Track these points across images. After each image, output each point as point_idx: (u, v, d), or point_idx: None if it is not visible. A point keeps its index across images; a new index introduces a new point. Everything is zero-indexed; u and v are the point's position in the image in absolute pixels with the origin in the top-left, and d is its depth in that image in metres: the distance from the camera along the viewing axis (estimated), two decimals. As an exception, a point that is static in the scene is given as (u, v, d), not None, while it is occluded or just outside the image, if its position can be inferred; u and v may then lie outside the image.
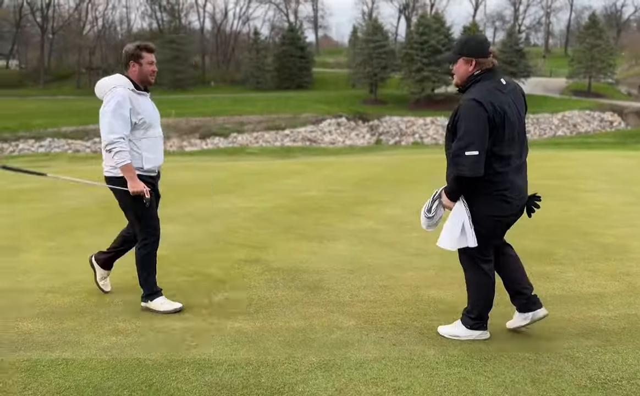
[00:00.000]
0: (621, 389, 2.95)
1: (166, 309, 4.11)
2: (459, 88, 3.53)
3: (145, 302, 4.19)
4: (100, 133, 4.00)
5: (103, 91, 4.07)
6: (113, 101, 3.93)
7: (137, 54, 4.08)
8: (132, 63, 4.08)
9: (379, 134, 49.33)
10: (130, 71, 4.10)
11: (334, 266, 5.29)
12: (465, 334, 3.59)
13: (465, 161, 3.26)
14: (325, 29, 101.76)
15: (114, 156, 3.94)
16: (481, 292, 3.61)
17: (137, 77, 4.10)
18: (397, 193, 10.52)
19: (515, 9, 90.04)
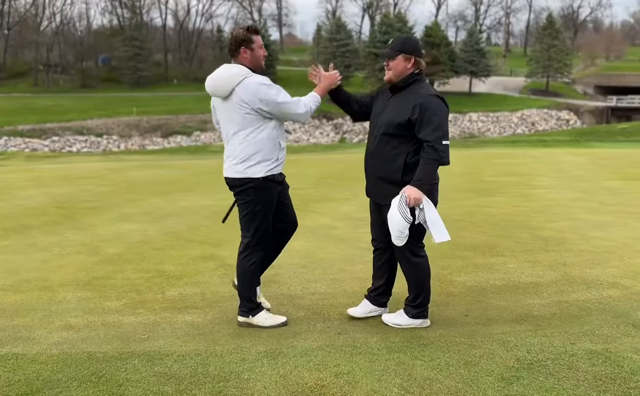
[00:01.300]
0: (546, 368, 3.17)
1: (273, 323, 3.80)
2: (392, 84, 3.69)
3: (246, 317, 3.84)
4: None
5: (231, 83, 3.59)
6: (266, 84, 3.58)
7: (248, 38, 3.64)
8: (244, 49, 3.65)
9: (343, 133, 49.68)
10: (242, 58, 3.66)
11: (289, 261, 5.43)
12: (407, 322, 3.78)
13: (445, 149, 3.51)
14: (289, 27, 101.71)
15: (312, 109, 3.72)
16: (424, 281, 3.80)
17: (250, 64, 3.66)
18: (356, 191, 10.71)
19: (476, 9, 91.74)
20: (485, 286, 4.67)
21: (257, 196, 3.70)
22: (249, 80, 3.58)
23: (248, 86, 3.56)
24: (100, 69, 69.35)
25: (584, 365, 3.20)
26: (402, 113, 3.58)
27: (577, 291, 4.51)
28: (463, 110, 53.03)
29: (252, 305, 3.82)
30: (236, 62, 3.68)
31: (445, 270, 5.14)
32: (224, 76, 3.64)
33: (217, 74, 3.68)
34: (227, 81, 3.61)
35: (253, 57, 3.67)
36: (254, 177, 3.66)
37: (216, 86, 3.67)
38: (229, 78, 3.61)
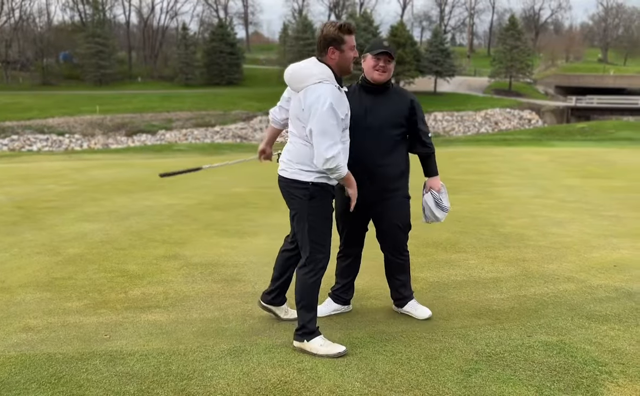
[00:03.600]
0: (503, 360, 3.26)
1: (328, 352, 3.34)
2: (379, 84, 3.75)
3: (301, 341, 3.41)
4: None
5: (303, 83, 3.31)
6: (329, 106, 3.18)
7: (339, 38, 3.31)
8: (332, 49, 3.31)
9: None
10: (329, 58, 3.33)
11: (253, 260, 5.43)
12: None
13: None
14: (255, 25, 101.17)
15: (337, 172, 3.25)
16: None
17: (337, 66, 3.34)
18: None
19: (441, 10, 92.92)
20: (446, 282, 4.77)
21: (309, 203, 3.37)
22: (319, 87, 3.24)
23: (314, 92, 3.23)
24: (62, 66, 67.80)
25: (540, 356, 3.30)
26: (400, 110, 3.75)
27: (535, 286, 4.63)
28: (428, 109, 53.61)
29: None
30: (322, 61, 3.34)
31: (408, 267, 5.20)
32: (302, 73, 3.34)
33: (298, 67, 3.40)
34: (303, 78, 3.32)
35: (341, 59, 3.34)
36: (304, 180, 3.33)
37: (292, 78, 3.39)
38: (305, 77, 3.31)
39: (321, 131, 3.19)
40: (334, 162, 3.21)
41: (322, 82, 3.25)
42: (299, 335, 3.41)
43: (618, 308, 4.11)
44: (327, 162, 3.20)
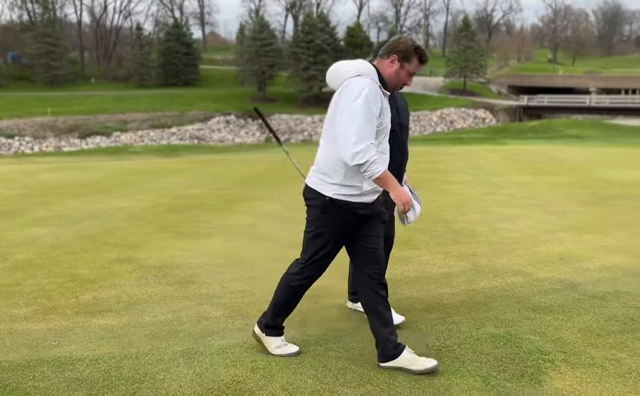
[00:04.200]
0: (452, 353, 3.35)
1: (281, 353, 3.33)
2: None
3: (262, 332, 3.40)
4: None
5: (341, 78, 3.09)
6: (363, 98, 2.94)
7: (407, 53, 3.11)
8: (395, 58, 3.11)
9: (268, 132, 49.57)
10: (386, 64, 3.13)
11: (207, 261, 5.40)
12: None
13: None
14: (212, 25, 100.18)
15: (370, 167, 2.91)
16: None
17: (389, 77, 3.12)
18: (279, 189, 10.78)
19: (396, 11, 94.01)
20: (399, 278, 4.85)
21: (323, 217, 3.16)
22: (357, 80, 3.01)
23: (349, 84, 3.01)
24: (10, 66, 65.56)
25: (487, 348, 3.40)
26: (407, 112, 3.79)
27: (485, 280, 4.77)
28: (386, 109, 54.27)
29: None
30: (373, 63, 3.15)
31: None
32: (342, 68, 3.14)
33: (339, 63, 3.21)
34: (342, 72, 3.11)
35: (397, 74, 3.12)
36: (321, 192, 3.10)
37: (332, 75, 3.18)
38: (345, 71, 3.10)
39: (350, 121, 2.91)
40: (364, 156, 2.87)
41: (361, 75, 3.03)
42: (263, 325, 3.38)
43: (562, 299, 4.27)
44: (356, 157, 2.88)
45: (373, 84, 2.99)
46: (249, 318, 3.94)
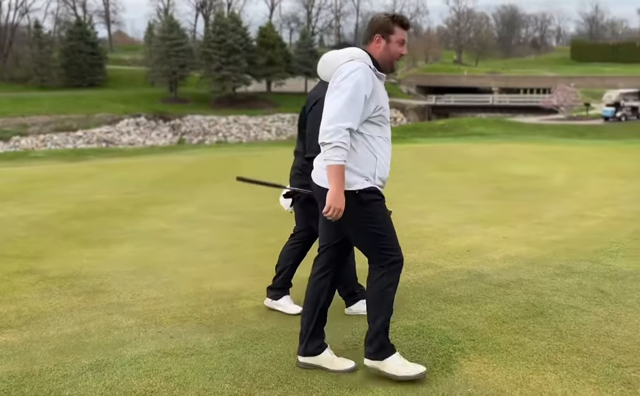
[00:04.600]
0: (368, 348, 3.41)
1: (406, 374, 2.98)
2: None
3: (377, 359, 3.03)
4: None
5: (333, 66, 3.00)
6: (352, 79, 2.84)
7: (387, 27, 3.01)
8: (379, 37, 3.02)
9: (181, 134, 48.51)
10: (373, 46, 3.03)
11: (117, 269, 5.19)
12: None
13: None
14: (118, 24, 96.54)
15: (330, 150, 2.79)
16: None
17: (380, 57, 3.03)
18: (194, 192, 10.56)
19: (308, 12, 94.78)
20: (316, 277, 4.87)
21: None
22: (349, 64, 2.92)
23: (342, 70, 2.92)
24: None
25: (401, 340, 3.49)
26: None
27: (398, 274, 4.88)
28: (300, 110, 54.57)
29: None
30: (364, 49, 3.05)
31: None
32: (333, 57, 3.07)
33: (329, 53, 3.14)
34: (334, 60, 3.04)
35: (386, 50, 3.02)
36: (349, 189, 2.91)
37: (323, 66, 3.13)
38: (336, 59, 3.02)
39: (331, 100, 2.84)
40: (331, 137, 2.77)
41: (353, 60, 2.94)
42: (372, 353, 3.02)
43: (470, 289, 4.46)
44: (324, 136, 2.80)
45: (365, 66, 2.92)
46: (162, 326, 3.82)
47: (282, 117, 52.93)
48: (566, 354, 3.27)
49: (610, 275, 4.67)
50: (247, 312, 4.07)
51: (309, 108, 3.69)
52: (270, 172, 13.79)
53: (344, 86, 2.84)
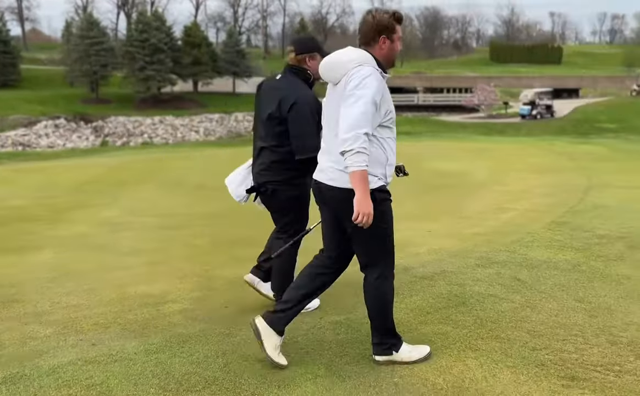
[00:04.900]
0: (297, 344, 3.42)
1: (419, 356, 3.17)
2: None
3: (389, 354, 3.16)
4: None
5: (343, 70, 2.96)
6: (365, 86, 2.84)
7: (392, 27, 3.02)
8: (384, 38, 3.01)
9: (104, 136, 46.83)
10: (379, 48, 3.02)
11: (35, 276, 4.94)
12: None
13: None
14: (33, 22, 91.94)
15: (352, 157, 2.78)
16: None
17: (385, 57, 3.04)
18: (117, 195, 10.21)
19: (234, 11, 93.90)
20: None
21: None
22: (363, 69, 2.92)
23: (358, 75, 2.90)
24: None
25: (330, 335, 3.53)
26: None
27: (327, 271, 4.93)
28: (228, 110, 53.96)
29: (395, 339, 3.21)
30: (367, 50, 3.02)
31: (206, 266, 5.19)
32: (341, 59, 3.01)
33: (335, 55, 3.07)
34: (342, 63, 2.99)
35: (390, 50, 3.06)
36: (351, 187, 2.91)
37: (329, 68, 3.05)
38: (345, 62, 2.98)
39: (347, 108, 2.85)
40: (352, 144, 2.78)
41: (362, 65, 2.94)
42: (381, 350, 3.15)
43: (396, 282, 4.51)
44: (344, 144, 2.80)
45: (376, 72, 2.93)
46: (83, 333, 3.67)
47: (210, 118, 52.13)
48: (486, 340, 3.41)
49: (526, 264, 4.91)
50: (174, 315, 3.98)
51: (288, 107, 3.58)
52: (199, 174, 13.56)
53: (358, 93, 2.85)
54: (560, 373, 2.98)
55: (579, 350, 3.23)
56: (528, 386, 2.87)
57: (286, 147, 3.64)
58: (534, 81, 60.71)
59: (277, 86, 3.72)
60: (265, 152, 3.75)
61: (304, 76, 3.69)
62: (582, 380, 2.91)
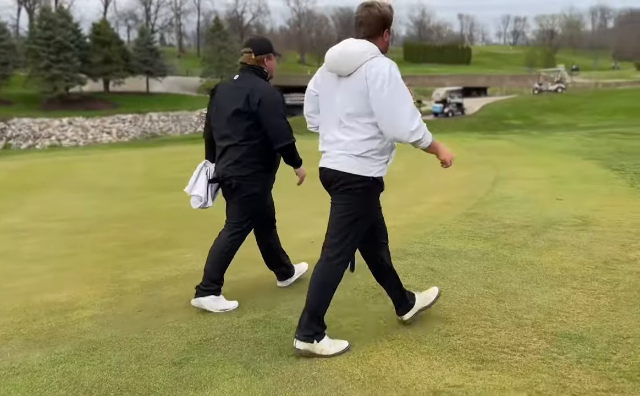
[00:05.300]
0: (214, 345, 3.35)
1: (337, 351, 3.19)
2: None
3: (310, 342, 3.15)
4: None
5: (358, 61, 3.01)
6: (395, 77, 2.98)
7: (391, 19, 3.17)
8: (387, 31, 3.16)
9: (7, 139, 44.13)
10: (381, 41, 3.13)
11: None
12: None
13: None
14: None
15: (424, 139, 3.02)
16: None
17: (384, 49, 3.16)
18: (21, 200, 9.63)
19: (146, 9, 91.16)
20: (160, 279, 4.70)
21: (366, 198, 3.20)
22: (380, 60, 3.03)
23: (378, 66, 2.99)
24: None
25: (247, 334, 3.48)
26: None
27: (248, 269, 4.85)
28: (142, 110, 52.30)
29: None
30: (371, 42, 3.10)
31: (118, 270, 5.00)
32: (355, 51, 3.05)
33: (346, 46, 3.09)
34: (357, 55, 3.03)
35: (388, 42, 3.20)
36: (367, 175, 3.10)
37: (343, 59, 3.08)
38: (360, 54, 3.03)
39: (395, 98, 2.95)
40: (420, 132, 3.00)
41: (377, 56, 3.05)
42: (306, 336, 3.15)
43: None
44: (414, 134, 2.98)
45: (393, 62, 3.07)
46: (-18, 347, 3.42)
47: (123, 118, 50.29)
48: (402, 329, 3.49)
49: (439, 255, 5.08)
50: (83, 322, 3.79)
51: (257, 101, 3.77)
52: (111, 176, 13.02)
53: (396, 83, 2.98)
54: (471, 357, 3.10)
55: (487, 334, 3.38)
56: (441, 371, 2.97)
57: (255, 140, 3.83)
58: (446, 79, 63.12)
59: (239, 85, 3.87)
60: (231, 149, 3.88)
61: (262, 75, 3.94)
62: (490, 361, 3.05)
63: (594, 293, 3.97)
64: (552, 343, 3.21)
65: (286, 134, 3.86)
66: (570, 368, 2.92)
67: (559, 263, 4.65)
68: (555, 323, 3.48)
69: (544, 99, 45.25)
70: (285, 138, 3.85)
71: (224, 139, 3.92)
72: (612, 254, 4.82)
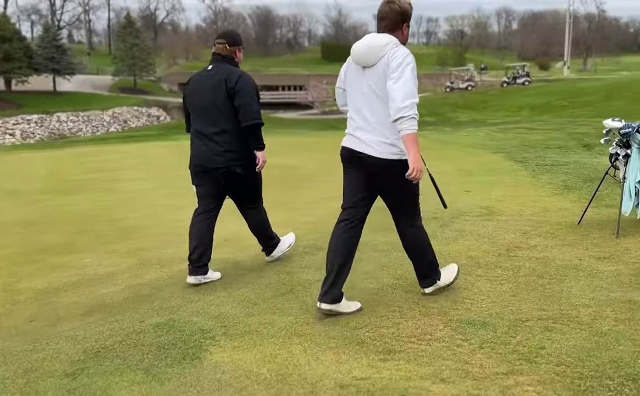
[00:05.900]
0: (113, 352, 3.16)
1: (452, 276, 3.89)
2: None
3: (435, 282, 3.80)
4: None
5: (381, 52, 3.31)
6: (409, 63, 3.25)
7: (410, 15, 3.45)
8: (406, 25, 3.45)
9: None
10: (401, 34, 3.43)
11: None
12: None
13: None
14: None
15: (407, 121, 3.18)
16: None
17: (404, 42, 3.45)
18: None
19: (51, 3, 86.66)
20: (57, 286, 4.41)
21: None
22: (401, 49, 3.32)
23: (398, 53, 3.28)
24: None
25: (150, 339, 3.31)
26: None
27: (151, 272, 4.67)
28: (50, 110, 49.53)
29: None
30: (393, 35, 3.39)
31: (12, 278, 4.65)
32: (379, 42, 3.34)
33: (371, 39, 3.39)
34: (381, 46, 3.32)
35: (407, 35, 3.49)
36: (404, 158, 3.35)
37: (369, 51, 3.35)
38: (383, 44, 3.32)
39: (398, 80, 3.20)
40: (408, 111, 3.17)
41: (398, 46, 3.33)
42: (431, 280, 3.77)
43: (225, 277, 4.45)
44: (400, 112, 3.17)
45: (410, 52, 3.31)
46: None
47: (28, 119, 47.40)
48: (311, 325, 3.44)
49: (351, 248, 5.07)
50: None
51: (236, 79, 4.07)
52: (10, 179, 12.19)
53: (404, 68, 3.23)
54: (379, 348, 3.10)
55: (395, 324, 3.39)
56: (349, 364, 2.94)
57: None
58: (362, 78, 63.96)
59: (215, 72, 4.14)
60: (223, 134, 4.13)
61: (235, 64, 4.22)
62: (397, 352, 3.05)
63: (497, 279, 4.09)
64: (457, 330, 3.26)
65: (256, 115, 4.11)
66: (473, 354, 2.98)
67: (465, 252, 4.78)
68: (460, 311, 3.55)
69: (455, 97, 46.99)
70: (254, 118, 4.10)
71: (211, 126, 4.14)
72: (514, 241, 5.02)
